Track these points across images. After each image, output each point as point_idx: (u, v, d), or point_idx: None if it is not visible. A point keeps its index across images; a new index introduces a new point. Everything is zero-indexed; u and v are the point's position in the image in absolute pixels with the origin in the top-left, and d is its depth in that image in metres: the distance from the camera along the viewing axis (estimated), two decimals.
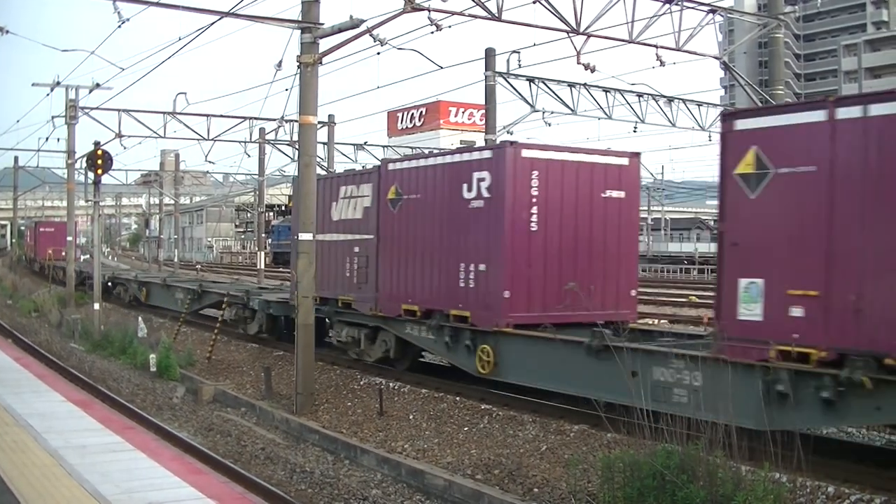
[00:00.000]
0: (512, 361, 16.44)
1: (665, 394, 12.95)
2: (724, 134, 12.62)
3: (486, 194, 16.93)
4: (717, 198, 13.13)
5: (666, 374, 13.17)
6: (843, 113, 11.30)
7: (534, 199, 16.70)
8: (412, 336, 19.17)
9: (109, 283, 41.07)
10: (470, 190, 17.25)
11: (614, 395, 12.85)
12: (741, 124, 12.42)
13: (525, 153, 16.84)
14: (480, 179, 17.07)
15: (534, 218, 16.73)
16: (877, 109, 10.98)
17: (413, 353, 20.26)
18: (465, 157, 17.86)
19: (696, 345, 13.60)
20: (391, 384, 18.83)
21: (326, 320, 22.07)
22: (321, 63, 17.86)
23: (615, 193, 17.54)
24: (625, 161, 17.73)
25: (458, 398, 17.21)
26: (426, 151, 25.37)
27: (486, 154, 17.42)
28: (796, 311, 11.58)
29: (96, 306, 29.21)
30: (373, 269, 20.18)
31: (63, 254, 58.29)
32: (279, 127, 43.33)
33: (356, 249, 20.84)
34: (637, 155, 18.26)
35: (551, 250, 16.92)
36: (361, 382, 19.61)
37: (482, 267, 16.99)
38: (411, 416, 16.58)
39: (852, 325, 10.91)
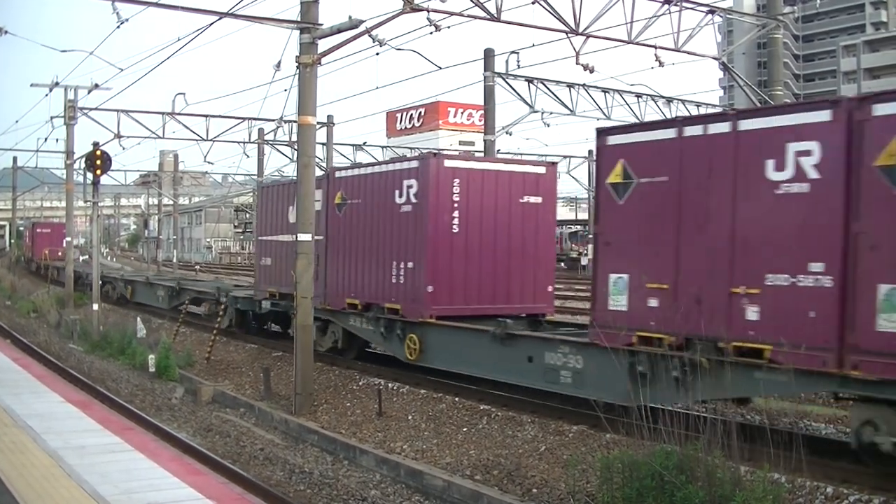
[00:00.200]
0: (435, 349, 18.32)
1: (554, 375, 15.20)
2: (599, 148, 14.25)
3: (413, 200, 18.81)
4: (595, 203, 15.38)
5: (555, 359, 15.25)
6: (689, 131, 13.03)
7: (455, 204, 18.59)
8: (355, 327, 21.11)
9: (99, 282, 41.32)
10: (401, 196, 19.15)
11: (516, 377, 16.12)
12: (612, 140, 14.08)
13: (447, 163, 18.91)
14: (409, 187, 18.92)
15: (455, 221, 18.64)
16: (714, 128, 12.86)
17: (358, 343, 21.84)
18: (398, 166, 20.03)
19: (583, 333, 15.47)
20: (390, 385, 18.84)
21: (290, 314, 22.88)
22: (320, 63, 17.86)
23: (532, 199, 19.34)
24: (542, 170, 19.38)
25: (456, 399, 17.22)
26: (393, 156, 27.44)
27: (414, 164, 19.38)
28: (653, 302, 13.38)
29: (95, 307, 29.21)
30: (322, 266, 21.71)
31: (60, 254, 61.49)
32: (278, 127, 43.37)
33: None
34: (554, 164, 21.07)
35: (472, 250, 18.84)
36: (360, 383, 19.61)
37: (410, 265, 18.89)
38: (410, 417, 16.58)
39: (694, 314, 12.48)
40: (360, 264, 20.69)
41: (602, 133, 14.42)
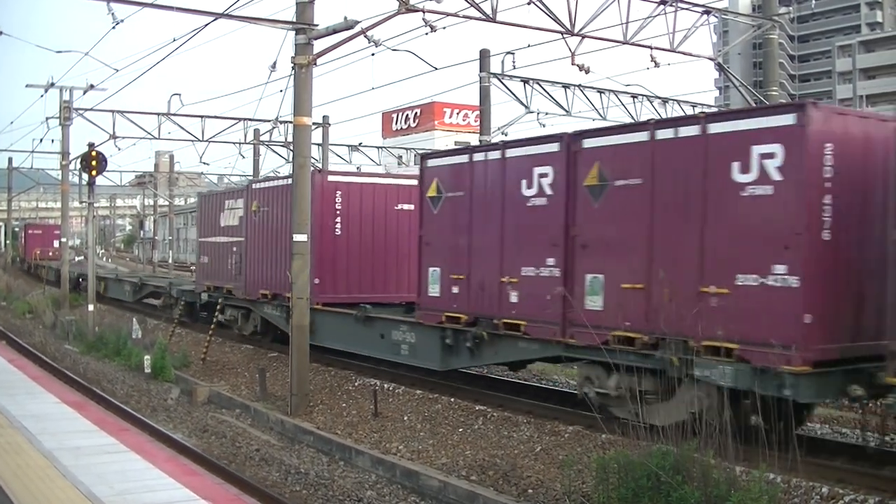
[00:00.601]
0: (322, 330, 21.75)
1: (397, 348, 19.21)
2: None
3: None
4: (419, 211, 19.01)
5: (398, 335, 19.20)
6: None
7: (338, 211, 22.64)
8: (268, 314, 24.97)
9: (80, 279, 43.04)
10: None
11: (372, 350, 20.47)
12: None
13: (330, 178, 23.32)
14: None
15: (338, 225, 22.68)
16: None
17: (273, 328, 25.27)
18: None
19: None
20: (386, 385, 18.85)
21: (217, 304, 27.31)
22: (316, 64, 17.85)
23: (406, 206, 22.61)
24: (415, 182, 20.89)
25: (452, 399, 17.22)
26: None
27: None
28: (455, 290, 17.34)
29: (90, 308, 29.15)
30: (244, 263, 26.19)
31: (51, 254, 66.91)
32: (274, 128, 43.27)
33: (234, 249, 27.19)
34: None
35: (353, 249, 22.82)
36: (356, 384, 19.60)
37: None
38: (406, 418, 16.58)
39: (480, 298, 16.61)
40: (269, 262, 24.59)
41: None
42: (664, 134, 13.51)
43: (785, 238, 11.67)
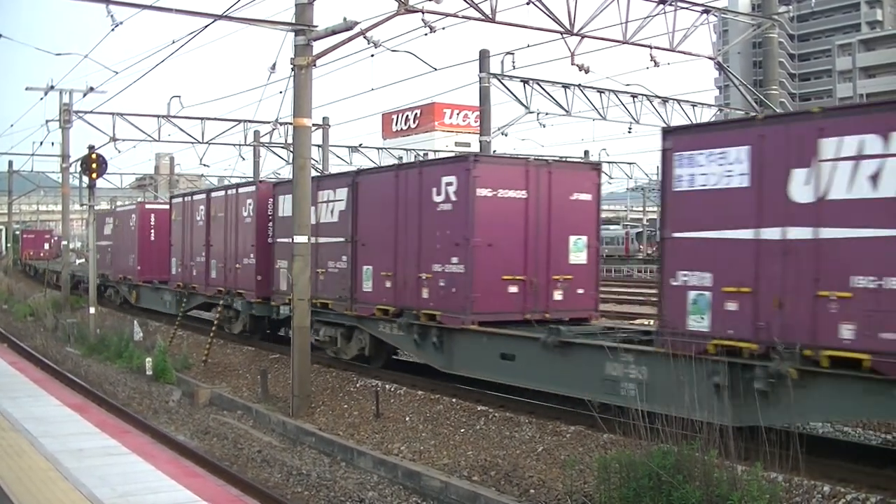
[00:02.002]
0: (146, 297, 34.74)
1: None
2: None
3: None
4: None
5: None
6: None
7: (152, 226, 35.90)
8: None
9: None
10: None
11: (155, 305, 34.51)
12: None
13: (147, 206, 37.26)
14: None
15: (152, 236, 35.69)
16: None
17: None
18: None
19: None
20: (387, 386, 18.84)
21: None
22: (315, 65, 17.85)
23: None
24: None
25: (454, 400, 17.21)
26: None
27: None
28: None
29: (92, 310, 29.16)
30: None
31: (41, 254, 77.25)
32: (273, 129, 43.33)
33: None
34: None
35: (163, 248, 33.61)
36: (358, 385, 19.60)
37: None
38: (408, 418, 16.58)
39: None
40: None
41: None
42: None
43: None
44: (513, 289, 17.21)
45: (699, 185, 12.76)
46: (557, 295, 17.69)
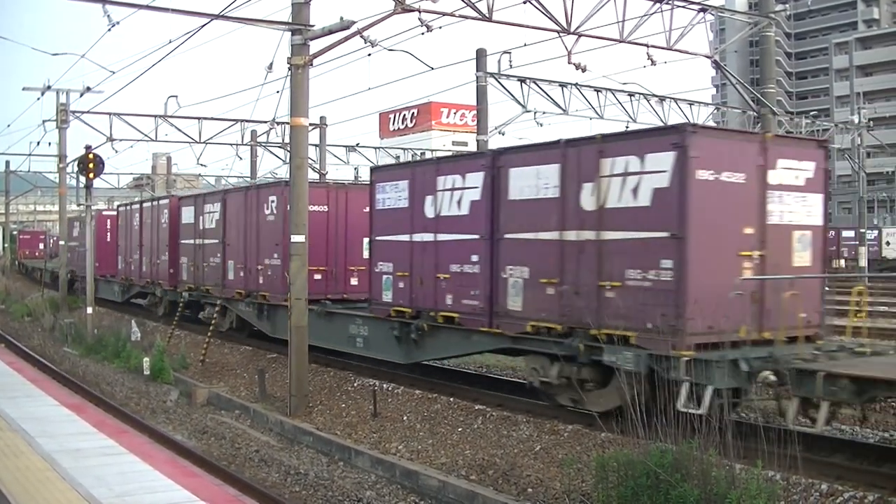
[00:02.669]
0: (102, 288, 38.94)
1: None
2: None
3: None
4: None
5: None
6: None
7: (108, 231, 40.68)
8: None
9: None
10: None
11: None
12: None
13: (104, 213, 41.28)
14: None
15: (108, 235, 40.56)
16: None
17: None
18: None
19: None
20: (385, 386, 18.85)
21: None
22: (312, 65, 17.84)
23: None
24: (114, 213, 38.73)
25: (451, 399, 17.22)
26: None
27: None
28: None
29: (89, 310, 29.14)
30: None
31: (36, 254, 79.95)
32: (271, 129, 43.32)
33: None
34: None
35: (119, 248, 39.64)
36: (355, 384, 19.61)
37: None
38: (405, 418, 16.58)
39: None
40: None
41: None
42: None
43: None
44: (318, 276, 23.31)
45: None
46: (353, 281, 24.03)
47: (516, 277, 15.85)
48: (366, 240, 21.46)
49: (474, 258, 16.79)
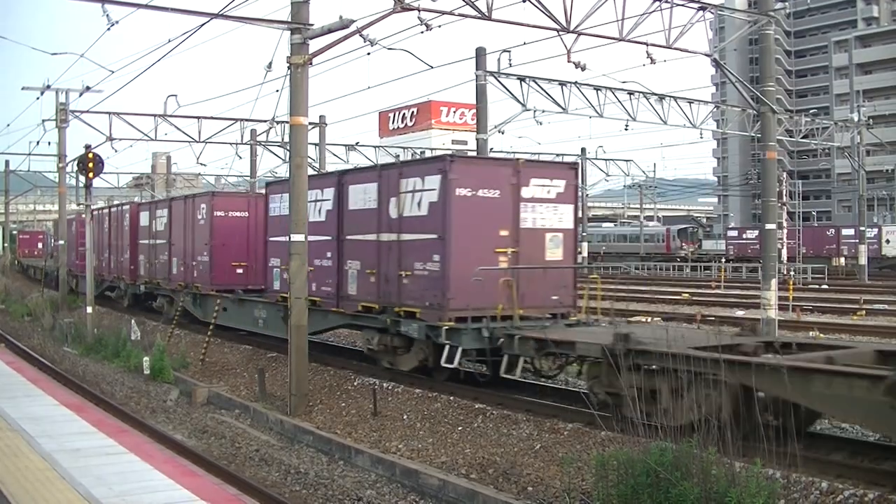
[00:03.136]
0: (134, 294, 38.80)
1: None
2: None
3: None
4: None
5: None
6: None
7: (83, 236, 36.60)
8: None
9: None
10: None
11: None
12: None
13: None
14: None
15: (83, 241, 38.12)
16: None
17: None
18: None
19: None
20: (385, 384, 18.84)
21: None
22: (311, 64, 17.82)
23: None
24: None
25: (451, 398, 17.21)
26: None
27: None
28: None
29: (89, 310, 29.13)
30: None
31: (35, 253, 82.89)
32: (270, 128, 43.37)
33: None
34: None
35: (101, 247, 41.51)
36: (355, 383, 19.60)
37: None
38: (405, 417, 16.58)
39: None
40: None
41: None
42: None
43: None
44: (240, 270, 28.48)
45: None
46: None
47: (353, 269, 20.64)
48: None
49: (328, 254, 21.50)
